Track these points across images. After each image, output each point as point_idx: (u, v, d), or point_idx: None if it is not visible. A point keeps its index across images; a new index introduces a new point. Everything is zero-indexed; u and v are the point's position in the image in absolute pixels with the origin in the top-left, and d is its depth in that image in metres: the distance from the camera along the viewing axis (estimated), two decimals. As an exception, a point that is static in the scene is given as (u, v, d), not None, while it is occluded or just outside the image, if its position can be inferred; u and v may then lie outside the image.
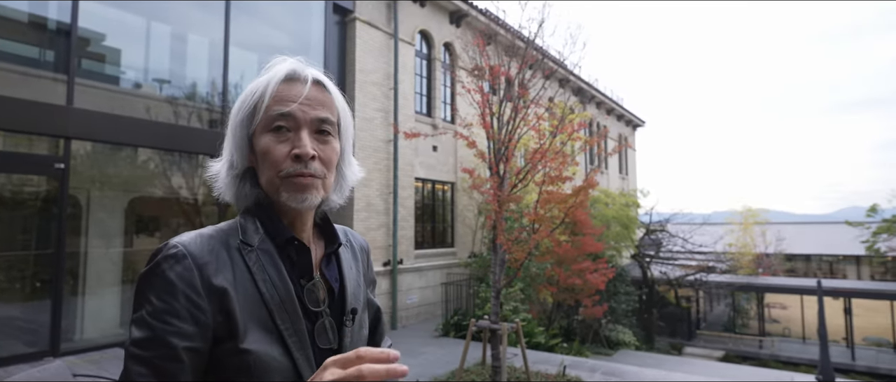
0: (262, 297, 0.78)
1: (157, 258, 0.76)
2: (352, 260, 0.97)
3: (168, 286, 0.73)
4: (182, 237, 0.79)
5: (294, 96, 0.83)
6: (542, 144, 5.48)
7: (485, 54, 5.68)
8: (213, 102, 7.29)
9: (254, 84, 0.86)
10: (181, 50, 7.14)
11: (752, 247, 26.18)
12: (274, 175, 0.83)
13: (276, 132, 0.83)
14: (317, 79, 0.87)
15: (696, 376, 8.43)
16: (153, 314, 0.72)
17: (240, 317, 0.75)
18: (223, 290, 0.76)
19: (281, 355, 0.77)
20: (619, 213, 15.10)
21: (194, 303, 0.74)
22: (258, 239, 0.83)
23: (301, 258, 0.86)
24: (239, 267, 0.79)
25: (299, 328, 0.80)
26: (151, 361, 0.71)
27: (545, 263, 9.69)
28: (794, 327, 21.31)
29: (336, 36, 9.11)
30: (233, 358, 0.74)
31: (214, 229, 0.84)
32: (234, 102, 0.89)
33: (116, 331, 6.31)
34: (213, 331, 0.75)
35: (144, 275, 0.76)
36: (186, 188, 7.46)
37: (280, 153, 0.82)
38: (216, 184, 0.88)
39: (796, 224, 36.51)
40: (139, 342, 0.72)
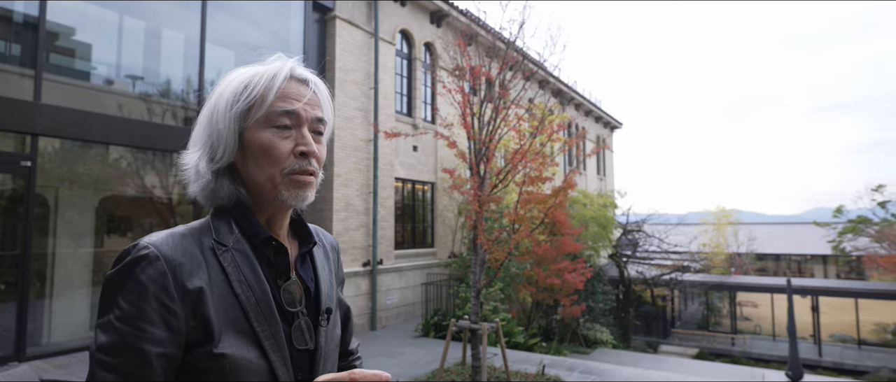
0: (237, 299, 0.76)
1: (126, 259, 0.73)
2: (324, 260, 0.96)
3: (139, 289, 0.70)
4: (152, 237, 0.76)
5: (299, 95, 0.83)
6: (523, 145, 5.52)
7: (466, 54, 5.69)
8: (188, 100, 7.14)
9: (247, 77, 0.83)
10: (155, 46, 6.97)
11: (725, 247, 26.84)
12: (276, 172, 0.81)
13: (278, 129, 0.82)
14: (314, 80, 0.87)
15: (670, 373, 8.59)
16: (122, 318, 0.70)
17: (215, 321, 0.73)
18: (197, 293, 0.73)
19: (257, 357, 0.75)
20: (597, 214, 15.30)
21: (167, 307, 0.71)
22: (233, 240, 0.80)
23: (278, 258, 0.84)
24: (213, 268, 0.77)
25: (276, 330, 0.78)
26: (119, 368, 0.68)
27: (525, 263, 9.75)
28: (764, 325, 21.91)
29: (316, 34, 9.01)
30: (208, 363, 0.72)
31: (186, 228, 0.81)
32: (216, 91, 0.85)
33: (86, 334, 6.12)
34: (185, 336, 0.72)
35: (113, 277, 0.73)
36: (160, 187, 7.29)
37: (284, 149, 0.81)
38: (187, 177, 0.84)
39: (767, 224, 37.57)
40: (106, 347, 0.69)
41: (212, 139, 0.83)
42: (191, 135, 0.87)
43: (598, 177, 23.16)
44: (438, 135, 6.12)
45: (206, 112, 0.84)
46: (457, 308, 9.28)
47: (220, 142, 0.82)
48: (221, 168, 0.83)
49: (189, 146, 0.85)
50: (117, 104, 6.36)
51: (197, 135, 0.85)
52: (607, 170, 24.74)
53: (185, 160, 0.84)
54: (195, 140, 0.85)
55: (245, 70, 0.85)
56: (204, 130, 0.84)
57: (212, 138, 0.83)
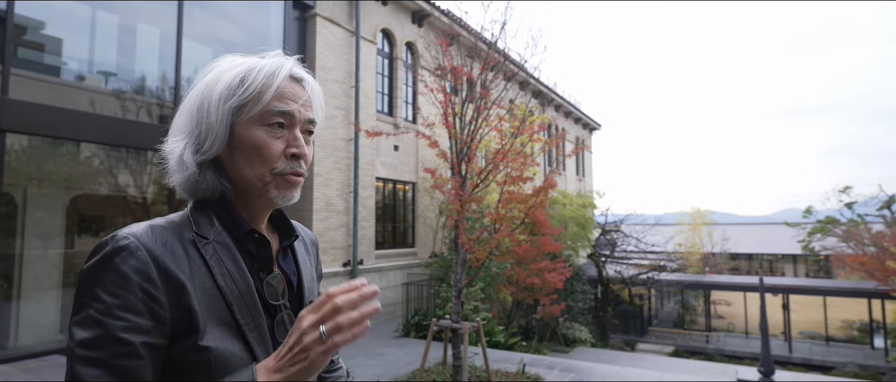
0: (220, 291, 0.75)
1: (105, 250, 0.71)
2: (305, 254, 0.96)
3: (120, 279, 0.68)
4: (131, 228, 0.74)
5: (295, 96, 0.82)
6: (504, 145, 5.55)
7: (448, 54, 5.70)
8: (163, 97, 6.99)
9: (242, 70, 0.81)
10: (130, 42, 6.80)
11: (700, 247, 27.44)
12: (266, 171, 0.81)
13: (271, 128, 0.81)
14: (310, 80, 0.87)
15: (647, 370, 8.75)
16: (104, 311, 0.67)
17: (199, 313, 0.72)
18: (181, 284, 0.71)
19: (241, 351, 0.74)
20: (577, 214, 15.47)
21: (151, 296, 0.69)
22: (214, 232, 0.79)
23: (260, 251, 0.83)
24: (195, 260, 0.75)
25: (260, 322, 0.78)
26: (106, 361, 0.65)
27: (505, 263, 9.81)
28: (737, 322, 22.45)
29: (296, 31, 8.92)
30: (192, 356, 0.70)
31: (165, 221, 0.79)
32: (206, 80, 0.82)
33: (55, 337, 5.94)
34: (170, 327, 0.70)
35: (90, 270, 0.70)
36: (134, 186, 7.12)
37: (276, 149, 0.81)
38: (170, 166, 0.81)
39: (740, 224, 38.51)
40: (88, 342, 0.66)
41: (199, 129, 0.80)
42: (174, 121, 0.84)
43: (577, 177, 23.43)
44: (420, 135, 6.12)
45: (194, 100, 0.81)
46: (437, 308, 9.29)
47: (208, 134, 0.80)
48: (207, 160, 0.81)
49: (171, 133, 0.83)
50: (89, 100, 6.19)
51: (181, 124, 0.82)
52: (586, 170, 25.05)
53: (168, 148, 0.82)
54: (179, 128, 0.82)
55: (239, 61, 0.83)
56: (190, 119, 0.81)
57: (199, 128, 0.80)
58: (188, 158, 0.80)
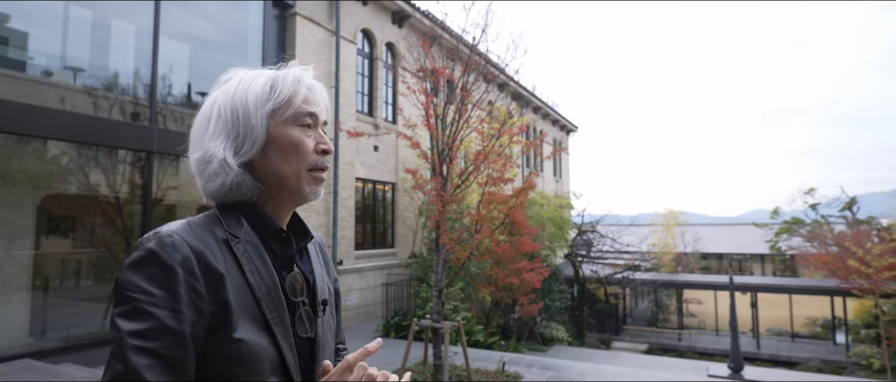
0: (250, 287, 0.80)
1: (149, 245, 0.75)
2: (316, 255, 1.01)
3: (167, 273, 0.72)
4: (171, 226, 0.79)
5: (318, 100, 0.92)
6: (485, 147, 5.62)
7: (430, 56, 5.75)
8: (138, 94, 6.84)
9: (268, 79, 0.89)
10: (103, 37, 6.64)
11: (673, 247, 28.10)
12: (302, 167, 0.89)
13: (302, 128, 0.89)
14: (321, 87, 0.96)
15: (623, 367, 8.95)
16: (154, 303, 0.71)
17: (233, 307, 0.77)
18: (220, 278, 0.77)
19: (268, 343, 0.79)
20: (554, 214, 15.69)
21: (194, 289, 0.74)
22: (243, 232, 0.84)
23: (285, 250, 0.89)
24: (228, 257, 0.80)
25: (284, 317, 0.83)
26: (158, 351, 0.69)
27: (484, 263, 9.90)
28: (708, 320, 23.07)
29: (275, 30, 8.83)
30: (226, 348, 0.75)
31: (199, 219, 0.84)
32: (231, 91, 0.89)
33: (24, 341, 5.76)
34: (209, 319, 0.75)
35: (135, 264, 0.74)
36: (106, 185, 6.95)
37: (310, 146, 0.89)
38: (210, 171, 0.85)
39: (711, 225, 39.55)
40: (139, 333, 0.69)
41: (237, 132, 0.86)
42: (196, 132, 0.89)
43: (554, 178, 23.73)
44: (401, 136, 6.15)
45: (226, 108, 0.87)
46: (418, 308, 9.32)
47: (247, 136, 0.86)
48: (244, 161, 0.87)
49: (198, 145, 0.88)
50: (59, 97, 6.02)
51: (214, 131, 0.87)
52: (563, 171, 25.39)
53: (202, 156, 0.86)
54: (214, 134, 0.87)
55: (258, 72, 0.92)
56: (223, 126, 0.87)
57: (237, 131, 0.86)
58: (231, 161, 0.85)
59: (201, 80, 7.59)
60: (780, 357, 17.80)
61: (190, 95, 7.52)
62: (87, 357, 5.79)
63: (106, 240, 7.00)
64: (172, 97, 7.22)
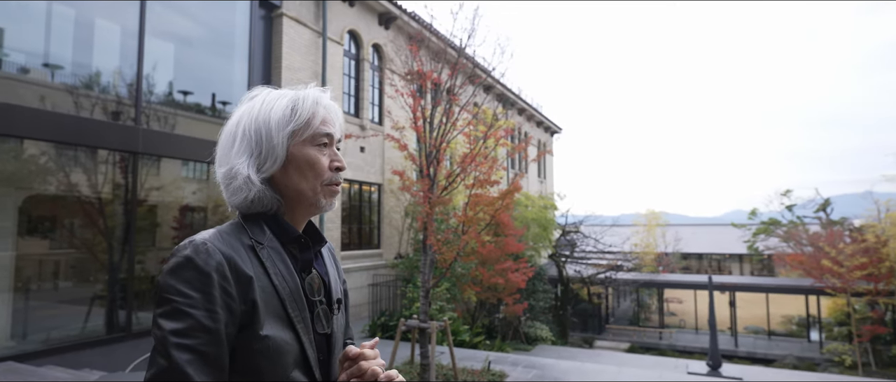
0: (275, 289, 0.88)
1: (186, 253, 0.83)
2: (329, 258, 1.10)
3: (204, 277, 0.81)
4: (204, 235, 0.87)
5: (334, 121, 1.01)
6: (473, 149, 5.72)
7: (418, 59, 5.82)
8: (123, 94, 6.78)
9: (290, 101, 0.97)
10: (87, 36, 6.57)
11: (654, 247, 28.55)
12: (318, 183, 0.97)
13: (319, 147, 0.98)
14: (336, 106, 1.04)
15: (605, 365, 9.12)
16: (193, 304, 0.79)
17: (260, 307, 0.85)
18: (248, 281, 0.85)
19: (292, 339, 0.88)
20: (538, 215, 15.86)
21: (227, 293, 0.82)
22: (266, 239, 0.93)
23: (304, 254, 0.98)
24: (254, 262, 0.88)
25: (305, 315, 0.92)
26: (197, 348, 0.77)
27: (470, 263, 10.00)
28: (688, 319, 23.51)
29: (261, 31, 8.81)
30: (255, 344, 0.83)
31: (227, 227, 0.92)
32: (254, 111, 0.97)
33: (7, 344, 5.68)
34: (239, 318, 0.83)
35: (174, 270, 0.82)
36: (88, 186, 6.87)
37: (325, 164, 0.98)
38: (235, 185, 0.94)
39: (691, 225, 40.23)
40: (181, 331, 0.77)
41: (259, 150, 0.95)
42: (223, 148, 0.98)
43: (538, 179, 23.95)
44: (389, 138, 6.20)
45: (250, 128, 0.95)
46: (404, 308, 9.37)
47: (270, 155, 0.94)
48: (265, 178, 0.96)
49: (224, 160, 0.97)
50: (39, 96, 5.95)
51: (239, 149, 0.95)
52: (547, 172, 25.64)
53: (229, 171, 0.95)
54: (238, 152, 0.95)
55: (278, 92, 1.00)
56: (247, 145, 0.95)
57: (260, 149, 0.95)
58: (254, 177, 0.94)
59: (187, 80, 7.55)
60: (757, 355, 18.24)
61: (171, 94, 7.46)
62: (70, 359, 5.73)
63: (88, 242, 6.92)
64: (157, 97, 7.17)
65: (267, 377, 0.83)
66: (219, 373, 0.78)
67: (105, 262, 6.67)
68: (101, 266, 6.68)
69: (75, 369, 5.37)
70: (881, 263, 14.08)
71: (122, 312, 6.48)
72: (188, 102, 7.58)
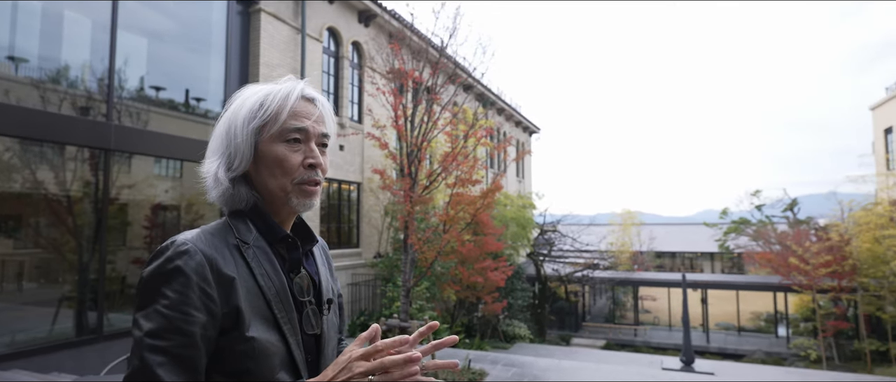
0: (260, 289, 0.86)
1: (167, 253, 0.81)
2: (321, 257, 1.08)
3: (183, 278, 0.79)
4: (186, 235, 0.85)
5: (308, 114, 0.94)
6: (454, 148, 5.73)
7: (400, 58, 5.80)
8: (92, 89, 6.57)
9: (261, 96, 0.93)
10: (55, 29, 6.35)
11: (630, 246, 29.08)
12: (287, 181, 0.92)
13: (289, 143, 0.92)
14: (321, 99, 0.98)
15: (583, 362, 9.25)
16: (169, 305, 0.77)
17: (244, 308, 0.83)
18: (231, 282, 0.83)
19: (278, 340, 0.86)
20: (517, 214, 15.99)
21: (207, 294, 0.80)
22: (252, 238, 0.91)
23: (292, 253, 0.95)
24: (239, 262, 0.86)
25: (292, 316, 0.89)
26: (170, 350, 0.75)
27: (450, 262, 10.02)
28: (662, 316, 24.02)
29: (239, 26, 8.65)
30: (239, 346, 0.81)
31: (212, 228, 0.90)
32: (232, 108, 0.94)
33: (-33, 348, 5.46)
34: (220, 321, 0.81)
35: (155, 270, 0.81)
36: (56, 183, 6.64)
37: (295, 162, 0.92)
38: (207, 184, 0.94)
39: (665, 225, 41.06)
40: (155, 332, 0.76)
41: (229, 150, 0.92)
42: (209, 145, 0.96)
43: (517, 179, 24.12)
44: (370, 136, 6.17)
45: (224, 126, 0.94)
46: (383, 308, 9.34)
47: (237, 153, 0.92)
48: (237, 176, 0.93)
49: (207, 156, 0.95)
50: (4, 90, 5.72)
51: (214, 147, 0.94)
52: (526, 172, 25.84)
53: (205, 169, 0.94)
54: (213, 150, 0.94)
55: (259, 88, 0.95)
56: (221, 142, 0.93)
57: (229, 149, 0.92)
58: (222, 176, 0.92)
59: (162, 77, 7.37)
60: (728, 350, 18.75)
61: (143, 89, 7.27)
62: (37, 362, 5.54)
63: (55, 241, 6.69)
64: (131, 93, 6.98)
65: (253, 378, 0.82)
66: (192, 375, 0.77)
67: (74, 262, 6.46)
68: (70, 266, 6.47)
69: (43, 373, 5.19)
70: (844, 261, 14.61)
71: (92, 313, 6.29)
72: (162, 98, 7.40)
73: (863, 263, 14.71)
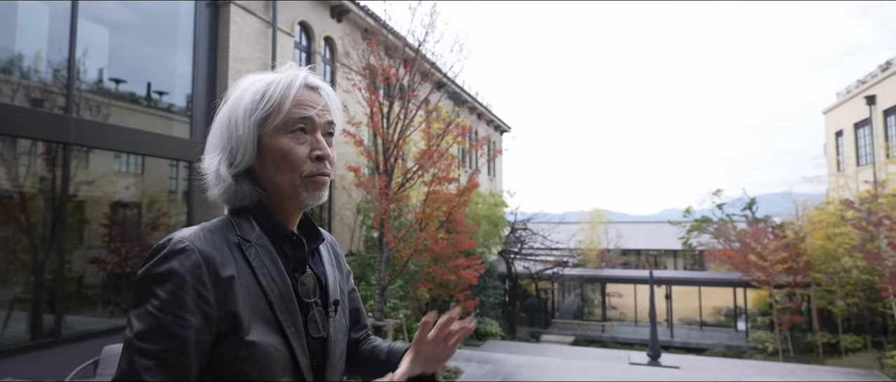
0: (262, 290, 0.81)
1: (163, 252, 0.76)
2: (328, 255, 1.02)
3: (177, 279, 0.74)
4: (184, 232, 0.80)
5: (313, 103, 0.89)
6: (431, 146, 5.72)
7: (377, 54, 5.74)
8: (50, 80, 6.25)
9: (263, 85, 0.88)
10: (9, 16, 6.01)
11: (598, 244, 29.69)
12: (295, 175, 0.87)
13: (294, 134, 0.87)
14: (325, 87, 0.93)
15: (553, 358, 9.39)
16: (161, 307, 0.73)
17: (243, 311, 0.78)
18: (229, 284, 0.78)
19: (281, 345, 0.81)
20: (489, 212, 16.08)
21: (202, 297, 0.75)
22: (255, 236, 0.85)
23: (296, 252, 0.90)
24: (240, 262, 0.81)
25: (296, 319, 0.85)
26: (158, 354, 0.71)
27: (423, 260, 9.99)
28: (628, 312, 24.62)
29: (207, 19, 8.39)
30: (239, 350, 0.77)
31: (212, 225, 0.85)
32: (232, 99, 0.89)
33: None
34: (216, 324, 0.76)
35: (150, 270, 0.76)
36: (7, 179, 6.29)
37: (302, 154, 0.87)
38: (208, 181, 0.88)
39: (631, 223, 42.05)
40: (144, 335, 0.72)
41: (231, 144, 0.87)
42: (208, 139, 0.90)
43: (488, 177, 24.26)
44: (345, 133, 6.09)
45: (223, 119, 0.88)
46: (356, 306, 9.23)
47: (239, 147, 0.86)
48: (240, 171, 0.87)
49: (207, 151, 0.89)
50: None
51: (214, 141, 0.89)
52: (497, 171, 26.03)
53: (205, 165, 0.88)
54: (213, 145, 0.89)
55: (259, 78, 0.90)
56: (221, 136, 0.88)
57: (231, 143, 0.87)
58: (224, 172, 0.86)
59: (125, 69, 7.08)
60: (691, 344, 19.39)
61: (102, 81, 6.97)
62: (-11, 368, 5.24)
63: (7, 240, 6.35)
64: (91, 85, 6.67)
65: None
66: (180, 379, 0.73)
67: (28, 262, 6.14)
68: (24, 265, 6.14)
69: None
70: (799, 257, 15.29)
71: (48, 316, 6.00)
72: (125, 92, 7.11)
73: (816, 259, 15.44)
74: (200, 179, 0.89)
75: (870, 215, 11.95)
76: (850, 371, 11.73)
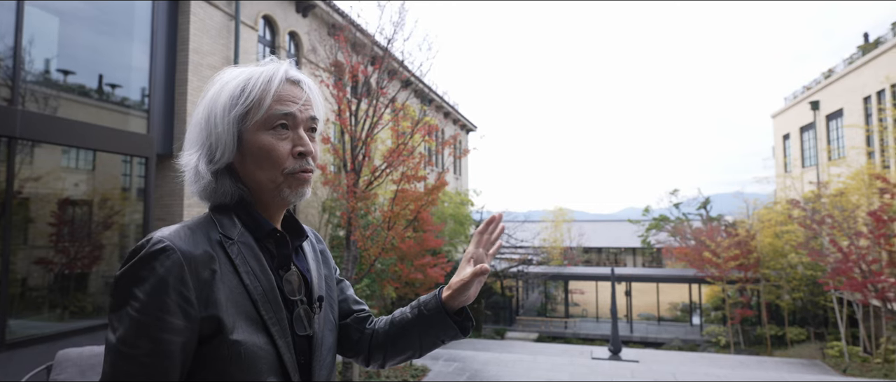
0: (246, 289, 0.80)
1: (142, 253, 0.74)
2: (312, 252, 1.01)
3: (158, 280, 0.72)
4: (164, 231, 0.77)
5: (295, 98, 0.87)
6: (400, 145, 5.69)
7: (346, 51, 5.68)
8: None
9: (242, 80, 0.85)
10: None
11: (561, 242, 30.28)
12: (277, 172, 0.85)
13: (276, 130, 0.85)
14: (307, 81, 0.91)
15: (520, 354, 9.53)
16: (141, 309, 0.71)
17: (227, 310, 0.76)
18: (211, 283, 0.76)
19: (266, 343, 0.80)
20: (456, 211, 16.16)
21: (184, 297, 0.73)
22: (237, 233, 0.84)
23: (281, 249, 0.89)
24: (222, 260, 0.79)
25: (281, 317, 0.83)
26: (139, 358, 0.70)
27: (390, 259, 9.95)
28: (590, 309, 25.24)
29: (166, 10, 8.07)
30: (223, 350, 0.75)
31: (193, 223, 0.83)
32: (210, 94, 0.86)
33: None
34: (199, 324, 0.74)
35: (129, 271, 0.73)
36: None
37: (284, 151, 0.85)
38: (187, 177, 0.86)
39: (592, 221, 43.12)
40: (125, 339, 0.70)
41: (210, 141, 0.84)
42: (187, 135, 0.88)
43: (454, 176, 24.35)
44: (311, 130, 6.00)
45: (202, 114, 0.86)
46: (321, 306, 9.10)
47: (218, 144, 0.84)
48: (220, 168, 0.85)
49: (185, 147, 0.87)
50: None
51: (192, 137, 0.86)
52: (462, 169, 26.16)
53: (184, 161, 0.86)
54: (191, 141, 0.86)
55: (238, 72, 0.87)
56: (200, 132, 0.85)
57: (210, 140, 0.84)
58: (203, 169, 0.84)
59: (76, 61, 6.74)
60: (649, 339, 20.06)
61: (49, 72, 6.62)
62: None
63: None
64: (36, 76, 6.31)
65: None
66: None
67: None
68: (-36, 268, 5.76)
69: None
70: (750, 254, 16.04)
71: (-9, 320, 5.65)
72: (74, 84, 6.76)
73: (765, 256, 16.24)
74: (165, 176, 0.87)
75: (814, 214, 12.65)
76: (795, 362, 12.42)
